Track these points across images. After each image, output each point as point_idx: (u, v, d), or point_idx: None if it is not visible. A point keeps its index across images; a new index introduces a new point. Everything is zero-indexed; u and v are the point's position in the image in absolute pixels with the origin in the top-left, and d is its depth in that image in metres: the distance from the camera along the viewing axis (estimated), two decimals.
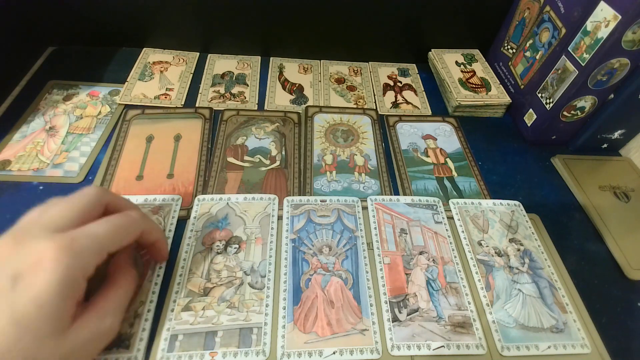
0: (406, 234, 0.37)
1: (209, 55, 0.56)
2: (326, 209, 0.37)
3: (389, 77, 0.56)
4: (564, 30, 0.44)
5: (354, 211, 0.38)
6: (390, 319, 0.31)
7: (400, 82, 0.56)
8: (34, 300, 0.19)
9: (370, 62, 0.58)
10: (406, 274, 0.34)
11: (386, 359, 0.29)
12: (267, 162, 0.42)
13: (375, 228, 0.37)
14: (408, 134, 0.48)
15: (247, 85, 0.52)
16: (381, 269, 0.34)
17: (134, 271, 0.28)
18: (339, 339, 0.30)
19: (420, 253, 0.36)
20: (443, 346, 0.30)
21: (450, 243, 0.37)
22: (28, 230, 0.22)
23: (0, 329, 0.19)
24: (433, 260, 0.35)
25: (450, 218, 0.39)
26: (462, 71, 0.55)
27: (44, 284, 0.20)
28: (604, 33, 0.38)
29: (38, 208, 0.24)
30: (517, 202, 0.41)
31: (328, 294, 0.32)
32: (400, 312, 0.32)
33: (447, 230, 0.38)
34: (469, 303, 0.33)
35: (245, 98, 0.50)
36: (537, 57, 0.48)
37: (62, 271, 0.20)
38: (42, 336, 0.19)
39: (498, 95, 0.52)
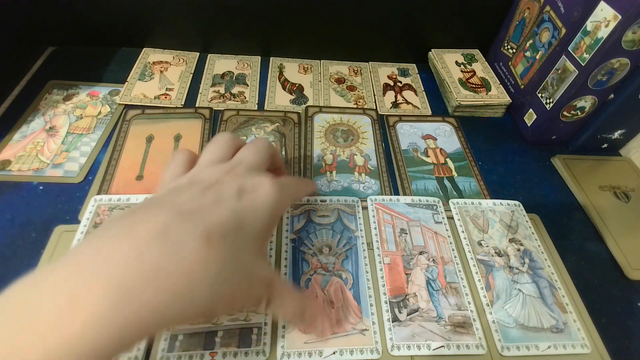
0: (406, 234, 0.37)
1: (209, 55, 0.56)
2: (326, 209, 0.37)
3: (389, 77, 0.56)
4: (564, 30, 0.44)
5: (354, 211, 0.38)
6: (390, 319, 0.31)
7: (400, 82, 0.56)
8: (252, 210, 0.23)
9: (370, 62, 0.58)
10: (406, 274, 0.34)
11: (386, 359, 0.29)
12: None
13: (375, 228, 0.37)
14: (408, 134, 0.48)
15: (247, 85, 0.52)
16: (381, 269, 0.34)
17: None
18: (339, 339, 0.30)
19: (420, 253, 0.36)
20: (443, 346, 0.30)
21: (451, 243, 0.37)
22: (235, 167, 0.25)
23: (224, 220, 0.21)
24: (433, 260, 0.35)
25: (450, 218, 0.39)
26: (462, 71, 0.55)
27: (261, 202, 0.23)
28: (604, 33, 0.38)
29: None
30: (517, 202, 0.41)
31: (328, 294, 0.32)
32: (400, 312, 0.32)
33: (447, 230, 0.38)
34: (469, 303, 0.33)
35: (245, 98, 0.50)
36: (537, 57, 0.48)
37: (275, 198, 0.24)
38: (248, 243, 0.22)
39: (498, 95, 0.52)
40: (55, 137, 0.42)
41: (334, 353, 0.29)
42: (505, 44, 0.55)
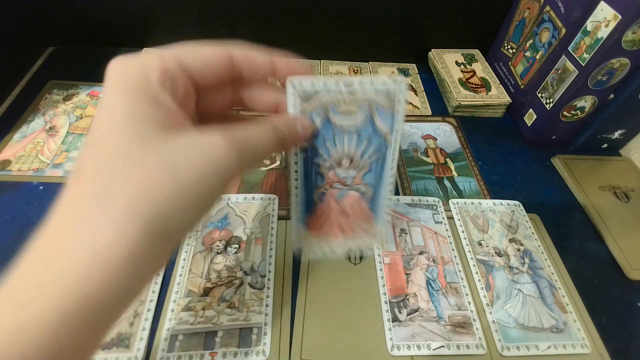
0: (406, 234, 0.37)
1: None
2: (353, 101, 0.25)
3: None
4: (564, 30, 0.44)
5: (391, 105, 0.26)
6: (390, 319, 0.31)
7: None
8: (105, 105, 0.17)
9: (370, 62, 0.58)
10: (406, 274, 0.34)
11: (386, 359, 0.29)
12: (267, 162, 0.42)
13: None
14: (408, 134, 0.48)
15: None
16: (381, 269, 0.34)
17: (285, 122, 0.22)
18: (350, 240, 0.29)
19: (420, 253, 0.36)
20: (443, 346, 0.30)
21: (450, 243, 0.37)
22: None
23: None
24: (433, 260, 0.35)
25: (450, 218, 0.39)
26: (462, 71, 0.55)
27: (107, 91, 0.17)
28: (604, 33, 0.38)
29: None
30: (517, 202, 0.41)
31: (343, 206, 0.29)
32: (400, 312, 0.32)
33: (447, 230, 0.38)
34: (469, 303, 0.33)
35: None
36: (537, 57, 0.48)
37: (120, 74, 0.17)
38: (131, 134, 0.16)
39: (498, 95, 0.52)
40: (55, 137, 0.42)
41: (343, 249, 0.28)
42: (505, 44, 0.55)
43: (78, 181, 0.16)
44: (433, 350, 0.30)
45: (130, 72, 0.17)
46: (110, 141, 0.16)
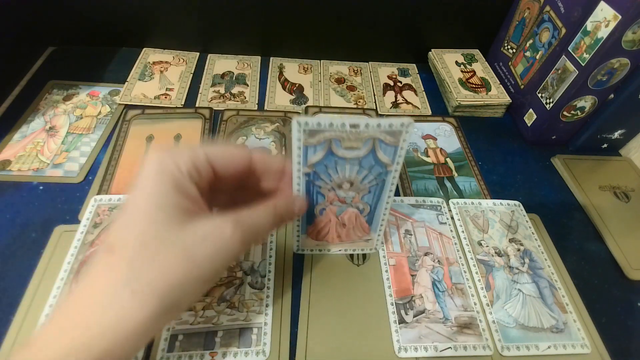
0: (411, 235, 0.37)
1: (209, 55, 0.56)
2: (357, 139, 0.26)
3: (389, 77, 0.56)
4: (564, 30, 0.44)
5: (396, 140, 0.27)
6: (397, 321, 0.31)
7: (400, 82, 0.56)
8: (140, 189, 0.21)
9: (370, 62, 0.58)
10: (412, 275, 0.34)
11: None
12: None
13: None
14: None
15: (247, 85, 0.52)
16: (386, 271, 0.34)
17: (286, 203, 0.26)
18: (346, 244, 0.34)
19: (426, 254, 0.35)
20: (450, 347, 0.30)
21: (455, 244, 0.37)
22: None
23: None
24: (438, 261, 0.35)
25: (451, 218, 0.39)
26: (462, 71, 0.55)
27: (143, 177, 0.21)
28: (604, 33, 0.38)
29: None
30: (517, 202, 0.41)
31: (341, 219, 0.32)
32: (406, 314, 0.32)
33: (451, 231, 0.38)
34: (475, 304, 0.33)
35: (245, 98, 0.50)
36: (537, 57, 0.48)
37: (156, 163, 0.21)
38: (157, 221, 0.20)
39: (498, 95, 0.52)
40: (55, 137, 0.42)
41: (339, 250, 0.34)
42: (505, 44, 0.55)
43: (110, 256, 0.20)
44: (440, 351, 0.30)
45: (166, 162, 0.21)
46: (138, 225, 0.20)
